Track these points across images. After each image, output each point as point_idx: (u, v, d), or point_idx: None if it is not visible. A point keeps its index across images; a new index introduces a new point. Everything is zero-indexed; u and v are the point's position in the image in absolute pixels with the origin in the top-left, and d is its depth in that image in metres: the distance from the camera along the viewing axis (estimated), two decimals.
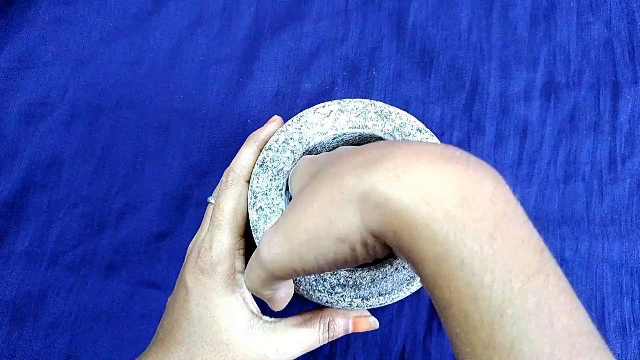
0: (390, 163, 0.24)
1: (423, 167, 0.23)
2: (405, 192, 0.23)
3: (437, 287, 0.23)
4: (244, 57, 0.49)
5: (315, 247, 0.26)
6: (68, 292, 0.46)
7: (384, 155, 0.24)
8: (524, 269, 0.22)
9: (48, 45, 0.48)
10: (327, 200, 0.25)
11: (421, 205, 0.22)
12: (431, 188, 0.23)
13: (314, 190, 0.26)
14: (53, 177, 0.47)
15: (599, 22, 0.51)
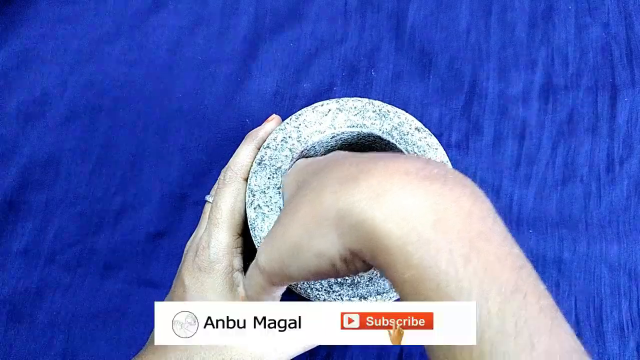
0: (365, 182, 0.24)
1: (397, 188, 0.23)
2: (380, 213, 0.23)
3: None
4: (242, 57, 0.49)
5: (297, 259, 0.26)
6: (65, 290, 0.45)
7: (361, 172, 0.24)
8: (500, 289, 0.21)
9: (47, 44, 0.49)
10: (308, 215, 0.25)
11: (394, 227, 0.22)
12: (404, 209, 0.22)
13: (298, 202, 0.27)
14: (51, 175, 0.47)
15: (597, 25, 0.51)
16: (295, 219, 0.26)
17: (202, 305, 0.34)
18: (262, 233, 0.36)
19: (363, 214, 0.23)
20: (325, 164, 0.29)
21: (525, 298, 0.21)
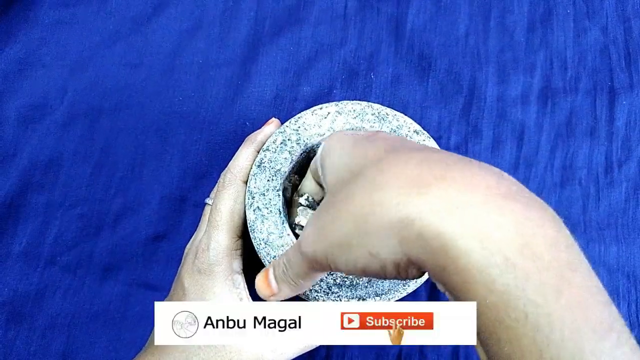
0: (440, 191, 0.22)
1: (479, 204, 0.21)
2: (459, 229, 0.21)
3: (492, 337, 0.21)
4: (242, 60, 0.50)
5: (346, 254, 0.25)
6: (65, 292, 0.46)
7: (435, 178, 0.22)
8: (594, 327, 0.20)
9: (47, 47, 0.49)
10: (363, 211, 0.24)
11: (476, 247, 0.20)
12: (488, 228, 0.21)
13: (352, 193, 0.25)
14: (51, 178, 0.47)
15: (595, 28, 0.51)
16: (348, 211, 0.25)
17: (202, 305, 0.34)
18: (261, 235, 0.36)
19: (436, 227, 0.21)
20: (384, 151, 0.26)
21: (619, 338, 0.20)
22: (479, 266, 0.20)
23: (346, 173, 0.27)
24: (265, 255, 0.36)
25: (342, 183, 0.27)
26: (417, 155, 0.24)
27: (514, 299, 0.20)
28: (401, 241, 0.23)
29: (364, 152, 0.27)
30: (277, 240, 0.36)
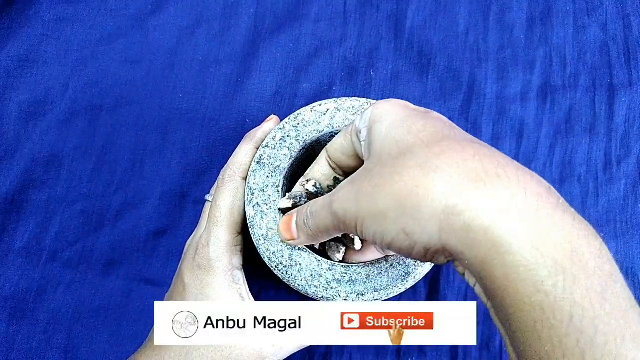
0: (493, 191, 0.22)
1: (533, 209, 0.22)
2: (512, 228, 0.22)
3: (531, 335, 0.22)
4: (243, 57, 0.50)
5: (378, 225, 0.26)
6: (66, 288, 0.46)
7: (488, 175, 0.23)
8: (635, 337, 0.21)
9: (48, 44, 0.49)
10: (407, 190, 0.24)
11: (528, 247, 0.21)
12: (540, 232, 0.22)
13: (398, 170, 0.25)
14: (52, 174, 0.47)
15: (595, 25, 0.52)
16: (390, 185, 0.25)
17: (202, 305, 0.34)
18: (260, 231, 0.36)
19: (488, 222, 0.22)
20: (439, 135, 0.27)
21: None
22: (528, 265, 0.21)
23: (395, 146, 0.27)
24: (265, 251, 0.36)
25: (389, 155, 0.27)
26: (471, 147, 0.25)
27: (560, 300, 0.21)
28: (442, 228, 0.23)
29: (417, 130, 0.27)
30: (276, 236, 0.36)
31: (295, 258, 0.36)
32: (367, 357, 0.46)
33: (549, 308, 0.21)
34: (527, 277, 0.21)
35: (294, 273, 0.36)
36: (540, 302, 0.21)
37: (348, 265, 0.36)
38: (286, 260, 0.36)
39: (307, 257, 0.36)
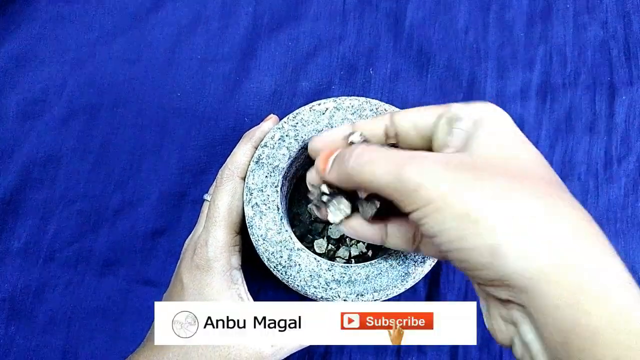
0: (611, 260, 0.23)
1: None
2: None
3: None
4: (241, 55, 0.49)
5: (461, 222, 0.23)
6: (64, 288, 0.46)
7: (604, 245, 0.24)
8: None
9: (46, 43, 0.49)
10: (524, 212, 0.23)
11: (614, 278, 0.23)
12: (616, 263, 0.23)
13: (515, 186, 0.24)
14: (50, 173, 0.47)
15: (595, 23, 0.51)
16: (504, 197, 0.23)
17: (202, 305, 0.34)
18: (259, 231, 0.36)
19: (609, 294, 0.22)
20: (553, 174, 0.26)
21: None
22: (612, 286, 0.22)
23: (515, 161, 0.26)
24: (264, 251, 0.36)
25: (505, 166, 0.25)
26: (579, 207, 0.24)
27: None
28: (545, 273, 0.22)
29: (540, 163, 0.27)
30: (275, 237, 0.36)
31: (295, 258, 0.36)
32: (366, 357, 0.46)
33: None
34: (608, 296, 0.22)
35: (293, 273, 0.36)
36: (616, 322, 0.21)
37: (347, 266, 0.36)
38: (285, 260, 0.36)
39: (306, 258, 0.36)
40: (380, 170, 0.26)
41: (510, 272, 0.22)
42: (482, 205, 0.23)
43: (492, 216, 0.23)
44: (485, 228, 0.23)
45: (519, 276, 0.22)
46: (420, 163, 0.25)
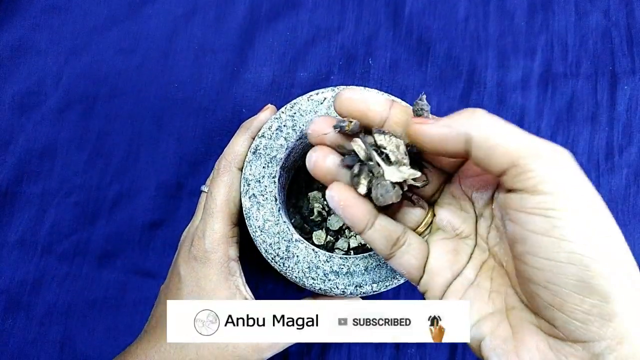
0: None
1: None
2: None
3: None
4: (239, 45, 0.49)
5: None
6: (62, 280, 0.45)
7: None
8: None
9: (41, 34, 0.48)
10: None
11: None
12: None
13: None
14: (46, 165, 0.47)
15: (597, 12, 0.51)
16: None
17: (223, 303, 0.34)
18: (257, 222, 0.36)
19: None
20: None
21: None
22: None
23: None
24: (262, 242, 0.35)
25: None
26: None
27: None
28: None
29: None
30: (273, 228, 0.36)
31: (293, 250, 0.35)
32: (366, 350, 0.46)
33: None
34: None
35: (291, 265, 0.35)
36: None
37: (346, 257, 0.36)
38: (283, 252, 0.35)
39: (304, 249, 0.35)
40: (522, 138, 0.24)
41: (623, 317, 0.23)
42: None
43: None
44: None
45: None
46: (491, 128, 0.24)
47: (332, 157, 0.29)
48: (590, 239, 0.22)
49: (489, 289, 0.28)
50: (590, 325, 0.22)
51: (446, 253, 0.29)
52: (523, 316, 0.26)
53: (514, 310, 0.26)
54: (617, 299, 0.22)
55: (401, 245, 0.29)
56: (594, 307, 0.22)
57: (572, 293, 0.22)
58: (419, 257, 0.29)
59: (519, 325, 0.26)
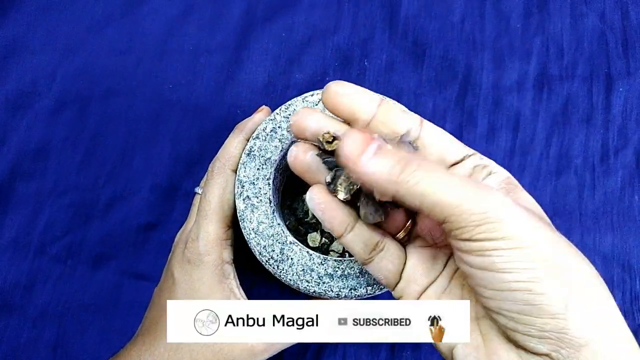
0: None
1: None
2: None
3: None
4: (234, 46, 0.49)
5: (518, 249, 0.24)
6: (55, 282, 0.45)
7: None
8: None
9: (36, 33, 0.48)
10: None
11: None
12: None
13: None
14: (40, 165, 0.46)
15: (593, 14, 0.51)
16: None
17: (223, 303, 0.34)
18: (251, 225, 0.35)
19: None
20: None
21: None
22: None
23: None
24: (256, 245, 0.35)
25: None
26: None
27: None
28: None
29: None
30: (267, 230, 0.35)
31: (287, 252, 0.35)
32: (361, 352, 0.45)
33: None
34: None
35: (285, 267, 0.35)
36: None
37: (341, 260, 0.35)
38: (277, 254, 0.35)
39: (299, 252, 0.35)
40: (455, 192, 0.23)
41: (575, 327, 0.23)
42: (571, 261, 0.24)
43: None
44: (564, 284, 0.23)
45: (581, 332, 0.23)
46: (504, 199, 0.24)
47: (312, 153, 0.29)
48: (529, 265, 0.23)
49: (460, 296, 0.28)
50: (547, 340, 0.23)
51: (424, 261, 0.29)
52: (492, 325, 0.26)
53: (483, 319, 0.27)
54: (567, 314, 0.23)
55: (380, 250, 0.29)
56: (546, 324, 0.23)
57: (523, 316, 0.23)
58: (396, 262, 0.29)
59: (489, 334, 0.26)
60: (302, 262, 0.35)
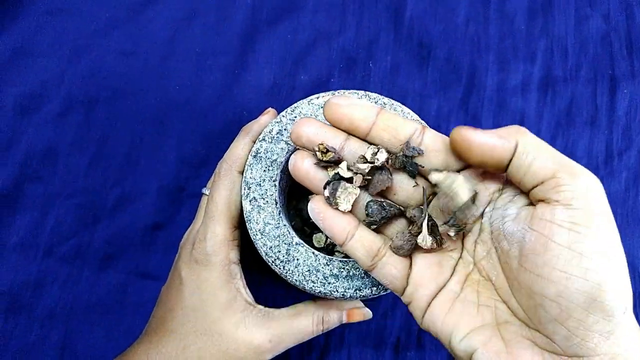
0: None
1: None
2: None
3: None
4: (239, 48, 0.49)
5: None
6: (63, 282, 0.46)
7: None
8: None
9: (43, 36, 0.48)
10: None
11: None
12: None
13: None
14: (48, 168, 0.47)
15: (597, 16, 0.51)
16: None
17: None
18: (257, 226, 0.36)
19: None
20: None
21: None
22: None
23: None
24: (262, 246, 0.36)
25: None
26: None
27: None
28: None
29: None
30: (273, 231, 0.36)
31: (293, 253, 0.36)
32: (365, 351, 0.46)
33: None
34: None
35: (291, 268, 0.35)
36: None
37: (346, 260, 0.36)
38: (283, 255, 0.35)
39: (304, 252, 0.36)
40: (557, 154, 0.26)
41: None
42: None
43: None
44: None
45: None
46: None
47: (309, 160, 0.31)
48: (606, 260, 0.24)
49: (476, 302, 0.28)
50: (588, 341, 0.24)
51: (430, 265, 0.30)
52: (517, 330, 0.26)
53: (506, 325, 0.27)
54: (618, 318, 0.23)
55: (382, 256, 0.30)
56: (596, 323, 0.23)
57: (579, 307, 0.24)
58: (400, 267, 0.30)
59: (513, 339, 0.26)
60: (307, 263, 0.35)
